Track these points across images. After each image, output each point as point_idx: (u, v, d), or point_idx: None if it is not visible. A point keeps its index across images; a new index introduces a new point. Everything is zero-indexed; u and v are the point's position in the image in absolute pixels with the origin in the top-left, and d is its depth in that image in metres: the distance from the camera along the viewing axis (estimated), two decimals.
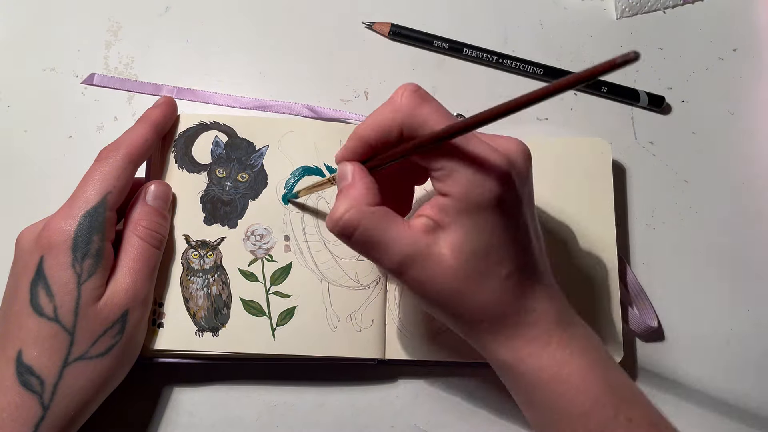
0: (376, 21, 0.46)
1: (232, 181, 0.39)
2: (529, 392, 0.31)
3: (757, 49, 0.47)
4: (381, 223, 0.29)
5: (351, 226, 0.29)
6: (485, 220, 0.28)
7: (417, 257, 0.29)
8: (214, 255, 0.38)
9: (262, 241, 0.38)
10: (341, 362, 0.38)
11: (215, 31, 0.46)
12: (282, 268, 0.38)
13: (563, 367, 0.29)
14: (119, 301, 0.33)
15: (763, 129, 0.45)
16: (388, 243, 0.29)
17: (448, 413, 0.39)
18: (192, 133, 0.40)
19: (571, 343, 0.30)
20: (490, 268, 0.29)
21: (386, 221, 0.29)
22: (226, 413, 0.38)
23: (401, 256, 0.29)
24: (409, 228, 0.29)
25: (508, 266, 0.29)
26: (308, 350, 0.37)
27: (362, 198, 0.29)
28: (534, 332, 0.30)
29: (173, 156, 0.40)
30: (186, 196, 0.39)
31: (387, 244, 0.29)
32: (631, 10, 0.47)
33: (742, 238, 0.43)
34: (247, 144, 0.40)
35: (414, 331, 0.38)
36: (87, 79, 0.44)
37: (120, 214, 0.36)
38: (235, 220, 0.39)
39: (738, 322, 0.41)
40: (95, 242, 0.33)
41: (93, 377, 0.32)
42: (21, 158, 0.43)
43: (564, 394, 0.29)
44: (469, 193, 0.28)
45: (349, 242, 0.30)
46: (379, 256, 0.29)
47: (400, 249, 0.29)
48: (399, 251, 0.29)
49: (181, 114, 0.40)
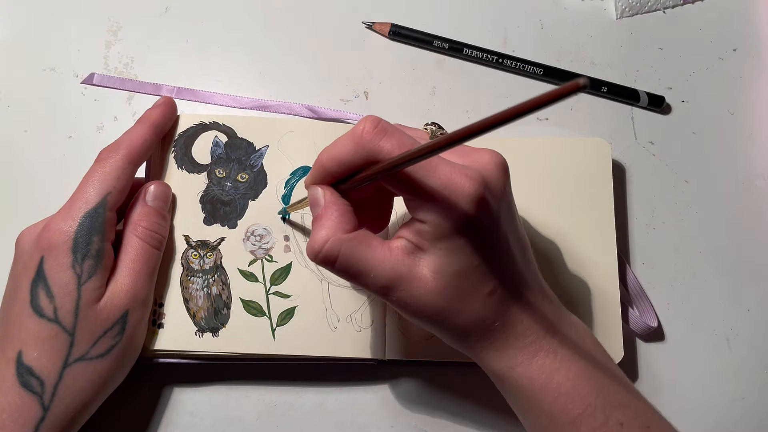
0: (376, 21, 0.46)
1: (232, 181, 0.39)
2: (521, 400, 0.31)
3: (757, 49, 0.47)
4: (360, 249, 0.29)
5: (331, 256, 0.29)
6: (462, 243, 0.28)
7: (400, 280, 0.29)
8: (213, 255, 0.38)
9: (261, 242, 0.38)
10: (341, 362, 0.38)
11: (215, 31, 0.46)
12: (282, 268, 0.38)
13: (553, 376, 0.29)
14: (119, 302, 0.33)
15: (763, 129, 0.45)
16: (370, 268, 0.29)
17: (448, 414, 0.39)
18: (192, 133, 0.40)
19: (560, 350, 0.30)
20: (472, 287, 0.29)
21: (365, 246, 0.29)
22: (226, 413, 0.38)
23: (384, 279, 0.29)
24: (389, 251, 0.29)
25: (490, 284, 0.29)
26: (308, 350, 0.37)
27: (337, 226, 0.29)
28: (522, 342, 0.30)
29: (173, 156, 0.40)
30: (186, 196, 0.39)
31: (369, 270, 0.29)
32: (631, 10, 0.47)
33: (742, 238, 0.43)
34: (246, 144, 0.40)
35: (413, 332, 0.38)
36: (87, 79, 0.44)
37: (120, 214, 0.36)
38: (235, 220, 0.39)
39: (738, 322, 0.41)
40: (95, 243, 0.33)
41: (93, 378, 0.32)
42: (21, 158, 0.43)
43: (555, 402, 0.29)
44: (441, 220, 0.28)
45: (332, 270, 0.29)
46: (363, 281, 0.29)
47: (383, 273, 0.29)
48: (381, 275, 0.29)
49: (181, 114, 0.40)
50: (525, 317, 0.30)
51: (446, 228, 0.28)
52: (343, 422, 0.38)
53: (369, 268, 0.29)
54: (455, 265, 0.28)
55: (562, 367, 0.30)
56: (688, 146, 0.44)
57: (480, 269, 0.29)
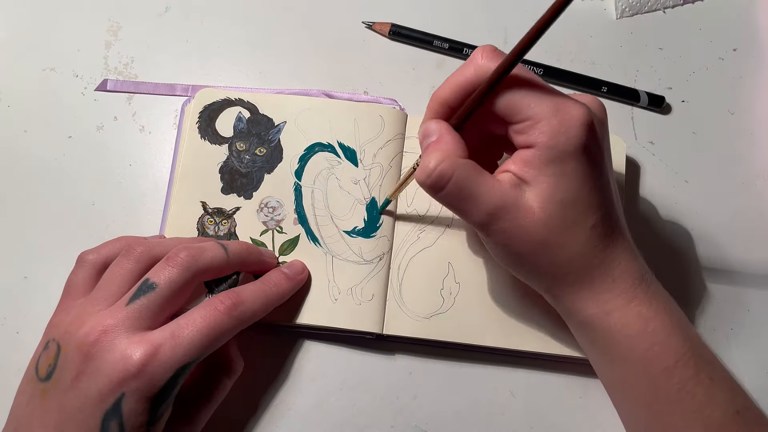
0: (376, 21, 0.46)
1: (251, 154, 0.41)
2: (611, 347, 0.31)
3: (757, 49, 0.47)
4: (472, 174, 0.30)
5: (444, 177, 0.29)
6: (571, 168, 0.29)
7: (506, 209, 0.29)
8: (228, 223, 0.39)
9: (274, 213, 0.40)
10: (340, 333, 0.38)
11: (215, 31, 0.46)
12: (290, 239, 0.39)
13: (648, 323, 0.30)
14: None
15: (763, 129, 0.45)
16: (478, 195, 0.29)
17: (448, 413, 0.39)
18: (217, 107, 0.42)
19: (655, 299, 0.31)
20: (578, 217, 0.29)
21: (476, 173, 0.30)
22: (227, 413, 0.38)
23: (491, 207, 0.29)
24: (497, 181, 0.30)
25: (594, 216, 0.30)
26: (308, 319, 0.38)
27: (453, 150, 0.30)
28: (620, 287, 0.30)
29: (197, 126, 0.41)
30: (206, 165, 0.40)
31: (477, 196, 0.29)
32: (631, 10, 0.47)
33: (742, 238, 0.43)
34: (267, 120, 0.42)
35: (413, 309, 0.38)
36: (101, 86, 0.44)
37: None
38: (251, 191, 0.40)
39: (738, 322, 0.41)
40: (174, 394, 0.30)
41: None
42: (21, 158, 0.43)
43: (649, 350, 0.30)
44: (554, 141, 0.28)
45: (439, 194, 0.30)
46: (468, 208, 0.30)
47: (491, 200, 0.29)
48: (489, 202, 0.29)
49: (207, 89, 0.42)
50: (622, 261, 0.30)
51: (556, 151, 0.28)
52: (343, 422, 0.38)
53: (478, 194, 0.29)
54: (562, 192, 0.29)
55: (658, 316, 0.30)
56: (688, 146, 0.44)
57: (586, 199, 0.29)
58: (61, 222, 0.41)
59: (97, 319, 0.30)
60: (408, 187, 0.40)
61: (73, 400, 0.29)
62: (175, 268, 0.31)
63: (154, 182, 0.42)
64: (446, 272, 0.39)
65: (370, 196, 0.40)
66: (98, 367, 0.29)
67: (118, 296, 0.32)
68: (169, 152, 0.43)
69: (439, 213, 0.40)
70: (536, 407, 0.39)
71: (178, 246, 0.33)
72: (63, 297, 0.34)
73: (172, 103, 0.44)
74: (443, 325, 0.38)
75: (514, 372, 0.39)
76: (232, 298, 0.32)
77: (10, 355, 0.38)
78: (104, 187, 0.42)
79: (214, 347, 0.31)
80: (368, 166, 0.40)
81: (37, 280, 0.40)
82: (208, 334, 0.30)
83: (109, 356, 0.29)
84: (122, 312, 0.30)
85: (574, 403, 0.39)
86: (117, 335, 0.29)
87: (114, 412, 0.29)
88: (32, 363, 0.32)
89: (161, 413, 0.30)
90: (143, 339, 0.29)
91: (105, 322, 0.30)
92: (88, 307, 0.31)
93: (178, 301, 0.32)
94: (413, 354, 0.39)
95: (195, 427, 0.34)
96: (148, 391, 0.29)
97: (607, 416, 0.38)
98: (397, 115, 0.41)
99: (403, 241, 0.39)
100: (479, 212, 0.30)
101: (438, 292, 0.38)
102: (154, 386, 0.29)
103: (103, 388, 0.28)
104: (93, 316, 0.30)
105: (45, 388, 0.30)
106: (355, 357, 0.39)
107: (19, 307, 0.40)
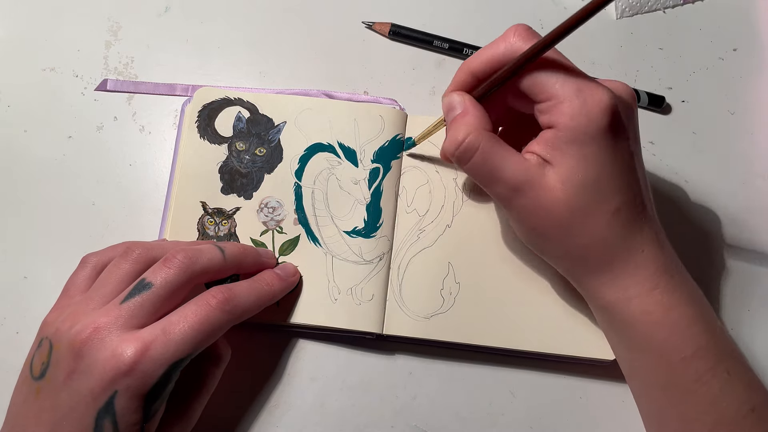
0: (376, 21, 0.46)
1: (251, 154, 0.41)
2: (630, 334, 0.31)
3: (757, 49, 0.47)
4: (498, 146, 0.30)
5: (472, 148, 0.30)
6: (591, 151, 0.29)
7: (530, 184, 0.30)
8: (228, 223, 0.40)
9: (274, 213, 0.40)
10: (340, 333, 0.38)
11: (215, 31, 0.46)
12: (290, 240, 0.39)
13: (670, 313, 0.30)
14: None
15: (763, 129, 0.45)
16: (504, 167, 0.30)
17: (448, 413, 0.39)
18: (216, 106, 0.42)
19: (678, 289, 0.31)
20: (599, 201, 0.30)
21: (502, 147, 0.30)
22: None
23: (515, 181, 0.30)
24: (522, 158, 0.30)
25: (617, 201, 0.30)
26: (308, 319, 0.38)
27: (479, 123, 0.30)
28: (642, 274, 0.30)
29: (196, 126, 0.41)
30: (206, 165, 0.40)
31: (503, 168, 0.30)
32: (631, 10, 0.47)
33: (742, 238, 0.43)
34: (266, 120, 0.41)
35: (413, 309, 0.38)
36: (100, 86, 0.44)
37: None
38: (251, 191, 0.40)
39: (738, 322, 0.41)
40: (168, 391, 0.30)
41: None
42: (21, 158, 0.43)
43: (668, 339, 0.30)
44: (576, 122, 0.29)
45: (466, 166, 0.31)
46: (493, 180, 0.30)
47: (516, 174, 0.30)
48: (514, 176, 0.30)
49: (206, 88, 0.42)
50: (646, 248, 0.30)
51: (580, 131, 0.29)
52: (343, 422, 0.38)
53: (503, 167, 0.30)
54: (584, 174, 0.29)
55: (680, 306, 0.30)
56: (688, 146, 0.44)
57: (608, 183, 0.29)
58: (61, 222, 0.41)
59: (90, 317, 0.30)
60: (408, 188, 0.40)
61: (66, 398, 0.29)
62: (171, 269, 0.31)
63: (155, 182, 0.42)
64: (446, 272, 0.39)
65: (370, 196, 0.40)
66: (90, 365, 0.29)
67: (114, 295, 0.31)
68: (169, 152, 0.43)
69: (439, 213, 0.40)
70: (536, 407, 0.39)
71: (176, 248, 0.33)
72: (60, 296, 0.34)
73: (172, 103, 0.44)
74: (443, 325, 0.38)
75: (514, 372, 0.39)
76: (225, 293, 0.32)
77: (10, 355, 0.38)
78: (104, 187, 0.42)
79: (207, 343, 0.31)
80: (368, 166, 0.40)
81: (37, 280, 0.40)
82: (200, 329, 0.30)
83: (101, 354, 0.29)
84: (116, 310, 0.30)
85: (574, 403, 0.39)
86: (109, 333, 0.29)
87: (107, 410, 0.28)
88: (27, 361, 0.32)
89: (155, 410, 0.30)
90: (135, 336, 0.29)
91: (98, 320, 0.30)
92: (83, 305, 0.31)
93: (174, 302, 0.32)
94: (413, 354, 0.39)
95: (189, 421, 0.33)
96: (141, 389, 0.29)
97: (607, 416, 0.38)
98: (397, 115, 0.41)
99: (403, 241, 0.39)
100: (504, 185, 0.30)
101: (438, 292, 0.38)
102: (146, 383, 0.29)
103: (96, 386, 0.28)
104: (86, 314, 0.30)
105: (39, 387, 0.30)
106: (355, 357, 0.39)
107: (19, 307, 0.40)
